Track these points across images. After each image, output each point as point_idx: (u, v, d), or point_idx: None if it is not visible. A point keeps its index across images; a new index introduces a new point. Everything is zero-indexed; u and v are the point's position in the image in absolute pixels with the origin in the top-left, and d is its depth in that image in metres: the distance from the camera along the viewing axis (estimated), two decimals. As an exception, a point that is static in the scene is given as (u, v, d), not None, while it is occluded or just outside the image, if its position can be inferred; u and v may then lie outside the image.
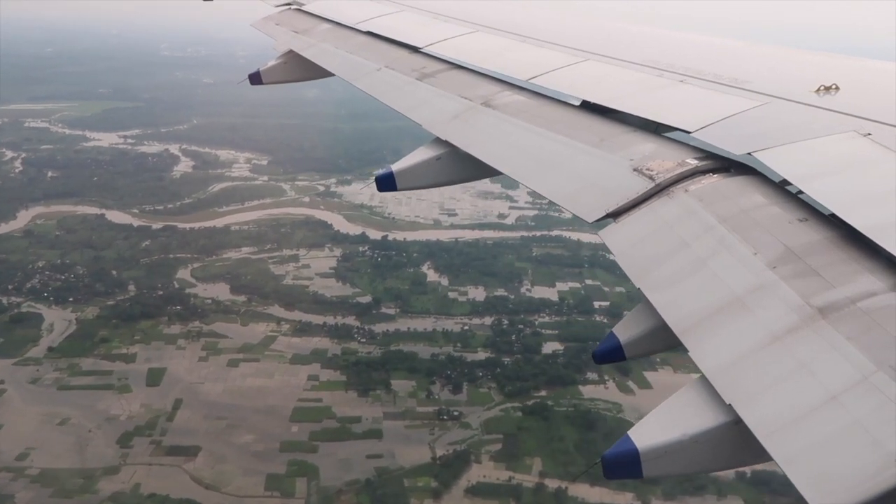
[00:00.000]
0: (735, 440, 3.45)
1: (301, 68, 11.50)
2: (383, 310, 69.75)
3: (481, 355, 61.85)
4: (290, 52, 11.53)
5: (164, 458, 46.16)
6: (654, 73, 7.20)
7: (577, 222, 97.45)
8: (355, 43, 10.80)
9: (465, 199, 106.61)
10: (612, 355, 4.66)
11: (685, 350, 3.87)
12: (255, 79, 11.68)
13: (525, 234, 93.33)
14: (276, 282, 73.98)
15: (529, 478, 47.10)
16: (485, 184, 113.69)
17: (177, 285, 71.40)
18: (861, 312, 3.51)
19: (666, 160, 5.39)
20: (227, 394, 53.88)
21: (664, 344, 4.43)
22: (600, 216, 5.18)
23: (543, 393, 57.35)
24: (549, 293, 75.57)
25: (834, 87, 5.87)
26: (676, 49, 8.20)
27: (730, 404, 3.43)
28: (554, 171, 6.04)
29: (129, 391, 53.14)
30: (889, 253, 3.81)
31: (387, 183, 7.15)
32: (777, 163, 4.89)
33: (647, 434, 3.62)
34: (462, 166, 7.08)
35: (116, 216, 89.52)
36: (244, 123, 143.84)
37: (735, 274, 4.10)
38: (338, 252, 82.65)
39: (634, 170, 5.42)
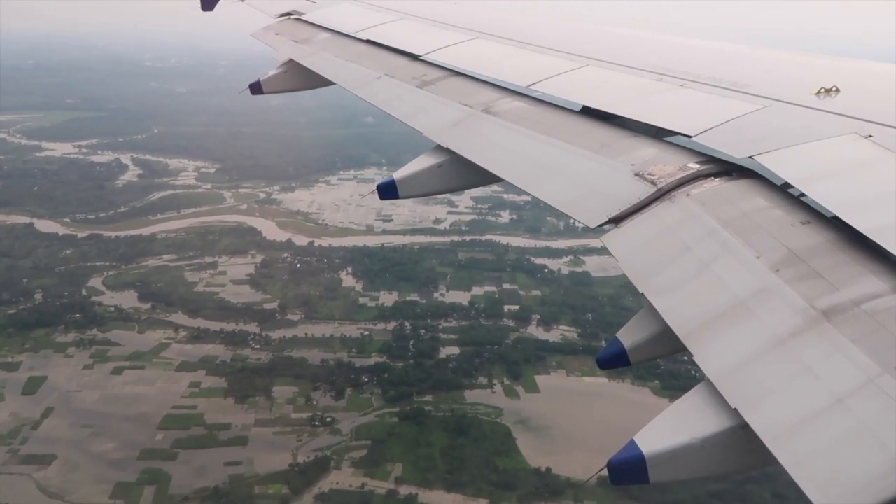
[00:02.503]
0: (741, 444, 3.46)
1: (301, 77, 11.65)
2: (288, 316, 69.55)
3: (373, 361, 61.56)
4: (291, 61, 11.66)
5: (16, 467, 46.04)
6: (654, 77, 7.21)
7: (510, 227, 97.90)
8: (355, 51, 10.92)
9: (405, 205, 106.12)
10: (616, 361, 4.71)
11: (689, 354, 3.90)
12: (256, 88, 11.85)
13: (456, 238, 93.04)
14: (186, 289, 73.96)
15: (384, 484, 46.71)
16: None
17: (84, 293, 71.48)
18: (865, 315, 3.50)
19: (667, 165, 5.42)
20: (102, 402, 53.76)
21: (668, 348, 4.48)
22: (602, 221, 5.24)
23: (428, 398, 56.95)
24: (463, 297, 75.21)
25: (834, 89, 5.87)
26: (676, 54, 8.24)
27: (735, 408, 3.43)
28: (555, 177, 6.04)
29: (2, 400, 53.06)
30: (892, 255, 3.78)
31: (389, 191, 7.22)
32: (778, 166, 4.90)
33: (652, 439, 3.63)
34: (463, 173, 7.11)
35: (46, 225, 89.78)
36: (204, 132, 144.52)
37: (738, 277, 4.11)
38: (259, 259, 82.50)
39: (636, 175, 5.44)
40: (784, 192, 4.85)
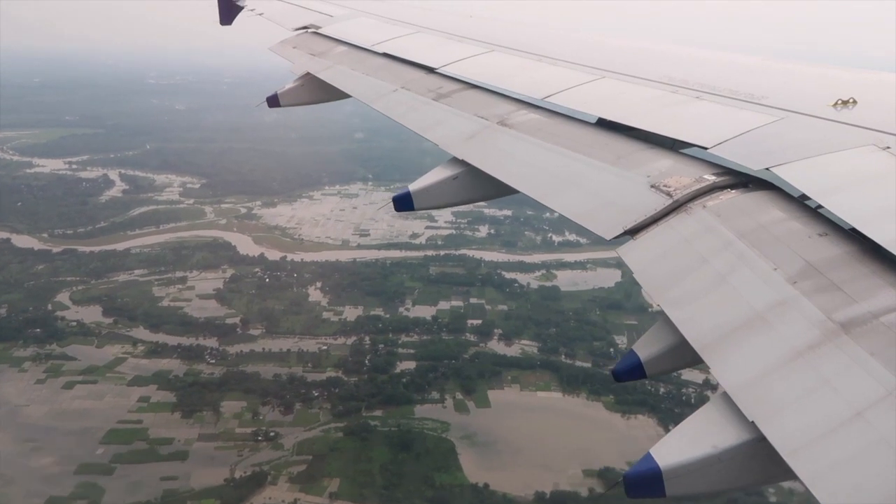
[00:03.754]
0: (758, 458, 3.46)
1: (318, 90, 11.78)
2: (250, 331, 69.67)
3: (327, 375, 61.39)
4: (308, 74, 11.81)
5: (-49, 482, 46.24)
6: (670, 89, 7.26)
7: (486, 242, 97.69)
8: (372, 65, 11.03)
9: (384, 220, 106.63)
10: (632, 373, 4.69)
11: (706, 367, 3.89)
12: (273, 101, 12.00)
13: (431, 253, 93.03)
14: (151, 304, 74.33)
15: (318, 499, 46.43)
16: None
17: (50, 308, 72.03)
18: (884, 327, 3.50)
19: (683, 176, 5.42)
20: (49, 416, 53.98)
21: (685, 361, 4.45)
22: (618, 233, 5.23)
23: (377, 413, 56.69)
24: (429, 312, 75.11)
25: (851, 100, 5.88)
26: (691, 65, 8.29)
27: (752, 421, 3.42)
28: (571, 190, 6.06)
29: (-50, 414, 53.45)
30: None
31: (404, 203, 7.19)
32: (795, 177, 4.89)
33: (669, 452, 3.61)
34: (479, 185, 7.15)
35: (23, 240, 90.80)
36: (195, 148, 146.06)
37: (755, 290, 4.10)
38: (229, 274, 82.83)
39: (652, 186, 5.44)
40: (801, 203, 4.86)
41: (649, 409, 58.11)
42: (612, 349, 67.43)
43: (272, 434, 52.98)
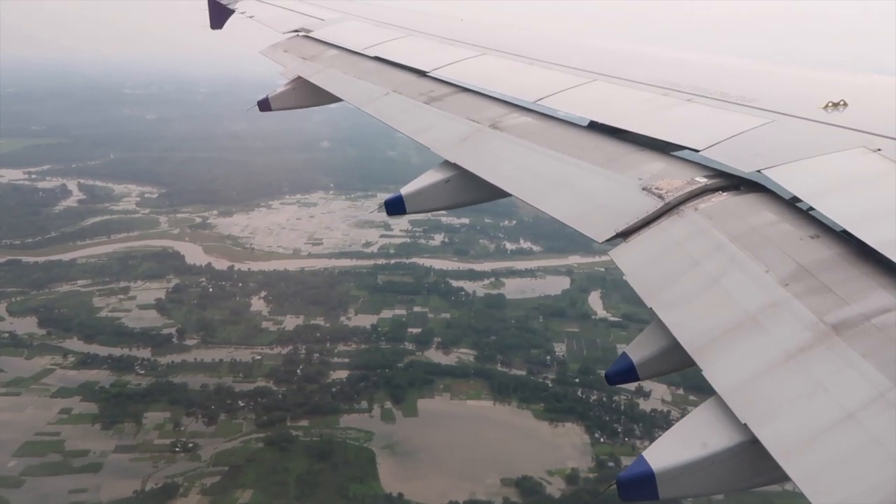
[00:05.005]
0: (751, 460, 3.49)
1: (309, 94, 11.81)
2: (186, 341, 69.08)
3: (255, 385, 60.90)
4: (299, 78, 11.82)
5: None
6: (661, 92, 7.29)
7: (440, 250, 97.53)
8: (363, 68, 11.04)
9: (339, 229, 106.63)
10: (625, 376, 4.68)
11: (698, 369, 3.88)
12: (264, 105, 12.03)
13: (382, 262, 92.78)
14: (89, 314, 73.62)
15: (228, 511, 45.90)
16: (365, 212, 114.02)
17: (-16, 319, 71.16)
18: (875, 329, 3.52)
19: (675, 179, 5.44)
20: (-34, 429, 53.17)
21: (677, 363, 4.45)
22: (610, 236, 5.22)
23: (303, 423, 56.24)
24: (370, 321, 74.72)
25: (842, 103, 5.89)
26: (682, 68, 8.29)
27: (745, 424, 3.44)
28: (563, 192, 6.05)
29: None
30: None
31: (396, 206, 7.16)
32: (787, 180, 4.91)
33: (662, 455, 3.64)
34: (471, 189, 7.16)
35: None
36: (159, 158, 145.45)
37: (747, 292, 4.11)
38: (173, 284, 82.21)
39: (643, 189, 5.45)
40: (792, 206, 4.88)
41: (578, 416, 57.91)
42: (548, 357, 67.28)
43: (191, 445, 52.42)
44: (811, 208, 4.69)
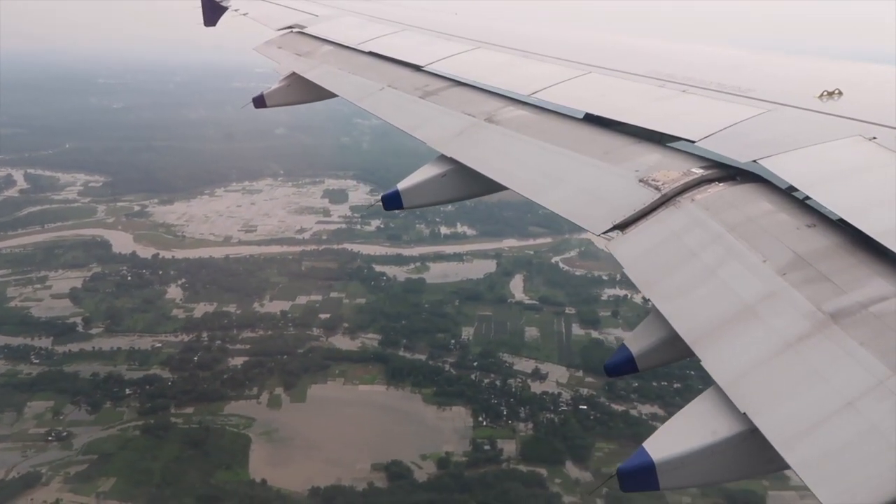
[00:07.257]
0: (751, 449, 3.52)
1: (304, 90, 11.80)
2: (91, 330, 68.82)
3: (145, 373, 60.62)
4: (293, 74, 11.79)
5: None
6: (657, 83, 7.30)
7: (373, 236, 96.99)
8: (358, 63, 11.08)
9: (277, 216, 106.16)
10: (624, 368, 4.69)
11: (697, 359, 3.89)
12: (259, 102, 11.98)
13: (312, 248, 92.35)
14: (-1, 304, 73.31)
15: (85, 499, 45.75)
16: (308, 199, 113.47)
17: None
18: (873, 317, 3.54)
19: (671, 170, 5.46)
20: None
21: (676, 354, 4.48)
22: (607, 228, 5.24)
23: (188, 410, 56.00)
24: (284, 307, 74.37)
25: (837, 92, 5.89)
26: (678, 59, 8.26)
27: (744, 413, 3.47)
28: (559, 185, 6.07)
29: None
30: None
31: (393, 201, 7.15)
32: (783, 169, 4.93)
33: (662, 446, 3.66)
34: (467, 182, 7.18)
35: None
36: (113, 147, 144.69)
37: (745, 282, 4.14)
38: (93, 272, 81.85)
39: (640, 181, 5.47)
40: (789, 195, 4.88)
41: (466, 400, 57.61)
42: (453, 341, 66.95)
43: (65, 434, 52.20)
44: (807, 197, 4.68)
